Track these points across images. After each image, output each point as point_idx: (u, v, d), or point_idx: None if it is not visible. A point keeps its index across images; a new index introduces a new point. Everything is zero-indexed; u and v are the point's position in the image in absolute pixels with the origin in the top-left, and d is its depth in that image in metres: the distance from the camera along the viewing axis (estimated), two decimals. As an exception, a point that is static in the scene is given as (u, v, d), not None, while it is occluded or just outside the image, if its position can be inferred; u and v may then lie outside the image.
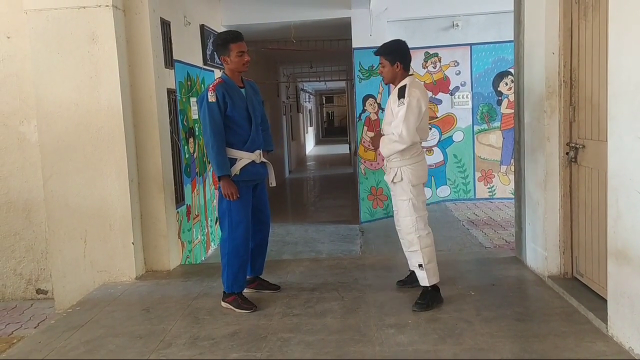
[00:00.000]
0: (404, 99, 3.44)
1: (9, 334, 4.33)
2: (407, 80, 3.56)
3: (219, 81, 3.64)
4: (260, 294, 3.93)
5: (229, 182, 3.57)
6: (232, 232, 3.64)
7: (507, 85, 8.95)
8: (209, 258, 6.82)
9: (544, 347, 2.92)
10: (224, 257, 3.67)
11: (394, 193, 3.68)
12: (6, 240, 5.06)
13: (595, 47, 3.31)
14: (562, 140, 3.74)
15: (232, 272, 3.65)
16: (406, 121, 3.40)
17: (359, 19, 8.32)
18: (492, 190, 9.28)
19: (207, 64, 7.19)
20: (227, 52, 3.61)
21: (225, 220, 3.66)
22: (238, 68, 3.65)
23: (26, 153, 4.95)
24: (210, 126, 3.52)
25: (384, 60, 3.61)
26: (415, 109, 3.42)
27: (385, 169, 3.73)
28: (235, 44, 3.59)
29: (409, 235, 3.56)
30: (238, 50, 3.60)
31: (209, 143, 3.55)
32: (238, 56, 3.61)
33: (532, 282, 3.96)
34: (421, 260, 3.53)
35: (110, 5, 4.20)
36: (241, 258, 3.68)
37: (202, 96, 3.59)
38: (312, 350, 3.00)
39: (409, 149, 3.50)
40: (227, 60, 3.63)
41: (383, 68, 3.63)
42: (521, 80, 4.21)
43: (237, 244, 3.65)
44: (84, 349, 3.18)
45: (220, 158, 3.55)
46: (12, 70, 4.91)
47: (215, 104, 3.52)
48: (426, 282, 3.54)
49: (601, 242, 3.24)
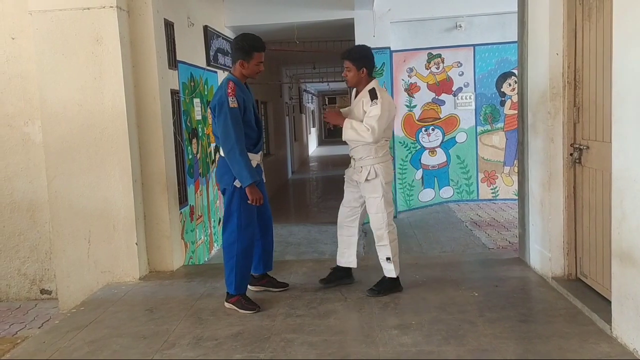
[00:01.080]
0: (377, 100, 3.62)
1: (13, 334, 4.34)
2: (373, 83, 3.75)
3: (233, 84, 3.54)
4: (264, 294, 3.93)
5: (255, 187, 3.56)
6: (241, 234, 3.63)
7: (510, 86, 8.94)
8: (212, 259, 6.82)
9: (547, 348, 2.92)
10: (232, 258, 3.64)
11: (365, 191, 3.78)
12: (10, 240, 5.08)
13: (599, 48, 3.31)
14: (566, 142, 3.73)
15: (241, 274, 3.66)
16: (380, 119, 3.59)
17: (362, 20, 8.32)
18: (495, 191, 9.27)
19: (210, 65, 7.20)
20: (248, 58, 3.57)
21: (234, 222, 3.63)
22: (252, 75, 3.64)
23: (30, 154, 4.97)
24: (234, 133, 3.45)
25: (350, 65, 3.72)
26: (386, 112, 3.64)
27: (353, 169, 3.82)
28: (259, 53, 3.58)
29: (380, 230, 3.76)
30: (259, 60, 3.59)
31: (235, 150, 3.46)
32: (256, 65, 3.60)
33: (536, 283, 3.96)
34: (389, 253, 3.76)
35: (115, 6, 4.22)
36: (249, 260, 3.70)
37: (221, 101, 3.49)
38: (316, 351, 3.00)
39: (382, 147, 3.72)
40: (244, 65, 3.59)
41: (348, 72, 3.75)
42: (525, 81, 4.21)
43: (246, 245, 3.65)
44: (88, 349, 3.19)
45: (249, 164, 3.51)
46: (16, 71, 4.93)
47: (237, 110, 3.48)
48: (393, 274, 3.80)
49: (605, 243, 3.23)
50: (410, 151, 9.17)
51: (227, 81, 3.57)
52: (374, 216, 3.76)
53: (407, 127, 9.13)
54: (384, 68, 8.55)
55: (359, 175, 3.75)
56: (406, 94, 9.07)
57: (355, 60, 3.71)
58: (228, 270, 3.68)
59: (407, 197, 9.22)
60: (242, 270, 3.66)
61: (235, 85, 3.55)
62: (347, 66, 3.72)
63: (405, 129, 9.13)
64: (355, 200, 3.90)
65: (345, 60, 3.72)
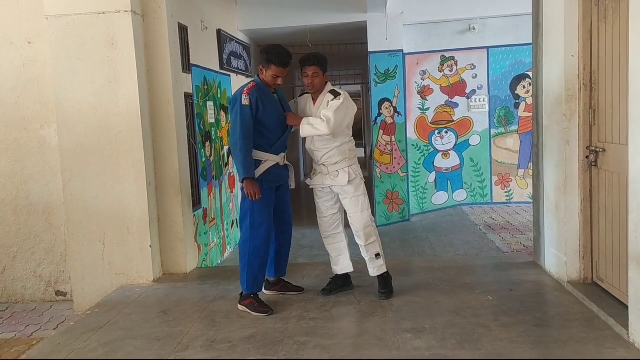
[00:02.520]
0: (340, 95, 3.74)
1: (29, 335, 4.38)
2: (329, 86, 3.86)
3: (253, 85, 3.69)
4: (277, 297, 3.93)
5: (252, 182, 3.62)
6: (253, 232, 3.66)
7: (524, 89, 8.87)
8: (225, 261, 6.84)
9: (564, 353, 2.88)
10: (244, 257, 3.69)
11: (347, 193, 3.81)
12: (26, 242, 5.13)
13: (615, 50, 3.27)
14: (582, 144, 3.69)
15: (252, 273, 3.68)
16: (337, 112, 3.66)
17: (375, 22, 8.31)
18: (509, 194, 9.19)
19: (223, 69, 7.22)
20: (266, 68, 3.69)
21: (247, 220, 3.68)
22: (268, 84, 3.74)
23: (46, 157, 5.02)
24: (240, 128, 3.59)
25: (318, 70, 3.76)
26: (345, 108, 3.73)
27: (325, 175, 3.81)
28: (277, 68, 3.66)
29: (367, 228, 3.80)
30: (275, 73, 3.68)
31: (237, 144, 3.60)
32: (272, 76, 3.69)
33: (551, 287, 3.92)
34: (379, 249, 3.83)
35: (129, 10, 4.25)
36: (262, 258, 3.70)
37: (236, 98, 3.65)
38: (329, 354, 3.00)
39: (352, 150, 3.86)
40: (263, 72, 3.73)
41: (316, 78, 3.78)
42: (540, 84, 4.18)
43: (259, 244, 3.67)
44: (103, 351, 3.21)
45: (246, 160, 3.61)
46: (33, 75, 4.99)
47: (248, 108, 3.59)
48: (384, 269, 3.86)
49: (622, 247, 3.19)
50: (423, 154, 9.13)
51: (250, 81, 3.74)
52: (361, 215, 3.79)
53: (420, 130, 9.10)
54: (396, 71, 8.53)
55: (335, 180, 3.78)
56: (419, 97, 9.04)
57: (322, 65, 3.78)
58: (241, 268, 3.73)
59: (420, 200, 9.18)
60: (253, 268, 3.67)
61: (256, 85, 3.68)
62: (315, 72, 3.74)
63: (419, 131, 9.09)
64: (332, 207, 3.91)
65: (312, 67, 3.74)
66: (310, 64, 3.76)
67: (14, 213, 5.11)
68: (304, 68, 3.76)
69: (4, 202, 5.09)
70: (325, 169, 3.81)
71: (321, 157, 3.81)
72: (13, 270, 5.16)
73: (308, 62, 3.77)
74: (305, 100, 3.92)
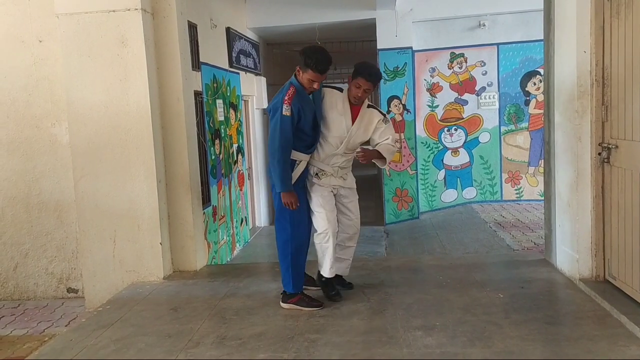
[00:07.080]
0: (389, 124, 3.76)
1: (41, 332, 4.41)
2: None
3: (293, 91, 3.49)
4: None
5: (290, 194, 3.55)
6: (294, 231, 3.64)
7: (535, 85, 8.83)
8: (235, 259, 6.86)
9: (576, 351, 2.86)
10: (287, 256, 3.65)
11: (350, 196, 3.83)
12: (38, 240, 5.18)
13: (628, 46, 3.24)
14: (594, 141, 3.66)
15: (297, 272, 3.68)
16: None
17: (384, 20, 8.30)
18: (519, 191, 9.15)
19: (232, 66, 7.24)
20: (304, 70, 3.48)
21: (287, 220, 3.63)
22: (304, 86, 3.54)
23: (58, 154, 5.06)
24: (279, 139, 3.46)
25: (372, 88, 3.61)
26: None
27: (334, 177, 3.74)
28: (314, 73, 3.45)
29: (358, 230, 3.90)
30: (312, 78, 3.47)
31: (275, 156, 3.49)
32: (308, 80, 3.48)
33: (563, 285, 3.89)
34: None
35: (139, 8, 4.27)
36: (304, 257, 3.71)
37: (276, 107, 3.50)
38: (339, 352, 3.00)
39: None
40: (300, 74, 3.52)
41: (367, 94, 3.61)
42: (551, 80, 4.14)
43: (301, 242, 3.69)
44: (114, 347, 3.23)
45: (284, 174, 3.50)
46: (44, 73, 5.02)
47: (290, 119, 3.45)
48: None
49: (635, 244, 3.17)
50: (432, 151, 9.11)
51: (289, 85, 3.54)
52: (357, 218, 3.86)
53: (430, 127, 9.08)
54: (406, 68, 8.51)
55: (344, 182, 3.79)
56: (428, 94, 9.02)
57: (377, 84, 3.72)
58: (284, 269, 3.69)
59: (430, 197, 9.16)
60: (297, 268, 3.67)
61: (295, 91, 3.50)
62: (370, 89, 3.57)
63: (428, 129, 9.07)
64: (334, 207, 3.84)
65: (370, 84, 3.55)
66: (371, 80, 3.56)
67: (25, 210, 5.15)
68: (360, 79, 3.54)
69: (15, 199, 5.14)
70: (335, 171, 3.76)
71: (342, 161, 3.75)
72: (25, 267, 5.21)
73: (369, 77, 3.56)
74: (337, 100, 3.68)
